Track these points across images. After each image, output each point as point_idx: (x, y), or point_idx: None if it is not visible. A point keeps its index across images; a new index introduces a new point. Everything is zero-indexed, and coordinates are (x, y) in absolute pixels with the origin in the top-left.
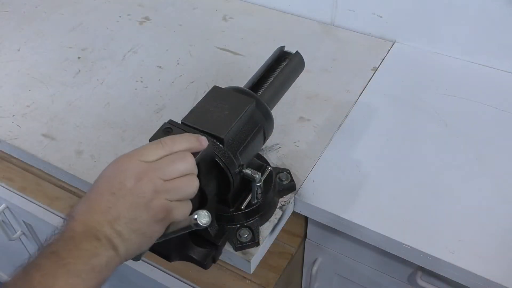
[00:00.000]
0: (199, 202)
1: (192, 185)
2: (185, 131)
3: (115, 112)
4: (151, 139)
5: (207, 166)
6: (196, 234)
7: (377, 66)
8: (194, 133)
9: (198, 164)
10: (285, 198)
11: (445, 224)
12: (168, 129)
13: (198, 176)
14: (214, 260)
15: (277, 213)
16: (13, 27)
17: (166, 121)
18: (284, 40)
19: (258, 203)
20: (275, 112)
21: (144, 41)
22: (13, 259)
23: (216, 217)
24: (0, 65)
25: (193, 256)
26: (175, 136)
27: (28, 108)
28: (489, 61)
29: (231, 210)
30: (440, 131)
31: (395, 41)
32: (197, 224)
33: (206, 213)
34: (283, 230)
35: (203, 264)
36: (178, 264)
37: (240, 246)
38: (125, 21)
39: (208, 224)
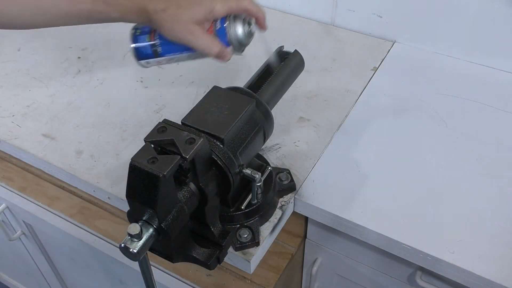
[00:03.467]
0: (199, 202)
1: None
2: (181, 130)
3: (115, 112)
4: (146, 139)
5: (206, 165)
6: (199, 235)
7: (377, 66)
8: (194, 133)
9: (194, 163)
10: (285, 198)
11: (445, 224)
12: (163, 129)
13: (197, 175)
14: (219, 260)
15: (277, 213)
16: None
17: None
18: (284, 40)
19: (258, 203)
20: (275, 112)
21: None
22: (13, 259)
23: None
24: (0, 65)
25: (197, 257)
26: None
27: (28, 108)
28: (489, 61)
29: (231, 210)
30: (440, 131)
31: (395, 41)
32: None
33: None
34: (283, 230)
35: (207, 264)
36: (178, 264)
37: (240, 246)
38: None
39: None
